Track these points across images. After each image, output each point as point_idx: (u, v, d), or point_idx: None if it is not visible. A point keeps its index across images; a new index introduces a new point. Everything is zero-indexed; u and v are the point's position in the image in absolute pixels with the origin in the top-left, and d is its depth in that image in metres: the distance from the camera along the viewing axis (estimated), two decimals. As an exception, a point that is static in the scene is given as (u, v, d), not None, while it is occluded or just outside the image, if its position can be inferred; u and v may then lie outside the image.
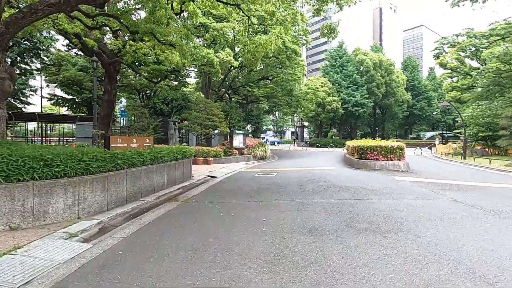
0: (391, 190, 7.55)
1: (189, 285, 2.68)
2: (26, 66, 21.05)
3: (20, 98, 21.95)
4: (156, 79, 18.73)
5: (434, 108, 47.65)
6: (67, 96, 26.50)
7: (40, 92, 25.54)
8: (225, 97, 26.76)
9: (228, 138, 19.09)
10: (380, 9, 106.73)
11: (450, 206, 5.81)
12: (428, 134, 48.84)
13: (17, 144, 5.70)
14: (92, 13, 9.23)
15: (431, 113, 47.82)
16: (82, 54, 19.51)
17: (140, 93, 25.41)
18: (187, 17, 11.50)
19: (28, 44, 19.49)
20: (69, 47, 23.21)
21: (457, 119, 32.68)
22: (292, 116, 54.52)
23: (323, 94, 35.51)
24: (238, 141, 18.48)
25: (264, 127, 55.24)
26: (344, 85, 39.32)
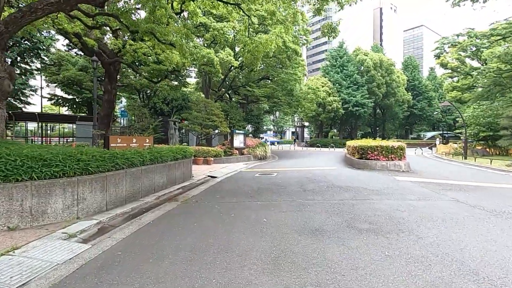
0: (392, 190, 7.51)
1: (188, 286, 2.65)
2: (26, 66, 21.05)
3: (20, 98, 21.93)
4: (156, 79, 18.70)
5: (435, 108, 47.53)
6: (67, 96, 26.53)
7: (40, 92, 25.56)
8: (225, 97, 26.74)
9: (228, 138, 19.06)
10: (381, 9, 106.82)
11: (451, 207, 5.77)
12: (429, 134, 48.80)
13: (16, 144, 5.68)
14: (92, 13, 9.21)
15: (431, 113, 47.71)
16: (82, 54, 19.51)
17: (140, 93, 25.40)
18: (187, 17, 11.49)
19: (28, 44, 19.50)
20: (69, 47, 23.25)
21: (458, 119, 32.65)
22: (293, 116, 54.52)
23: (324, 94, 35.49)
24: (238, 141, 18.46)
25: (265, 127, 55.26)
26: (344, 85, 39.29)
